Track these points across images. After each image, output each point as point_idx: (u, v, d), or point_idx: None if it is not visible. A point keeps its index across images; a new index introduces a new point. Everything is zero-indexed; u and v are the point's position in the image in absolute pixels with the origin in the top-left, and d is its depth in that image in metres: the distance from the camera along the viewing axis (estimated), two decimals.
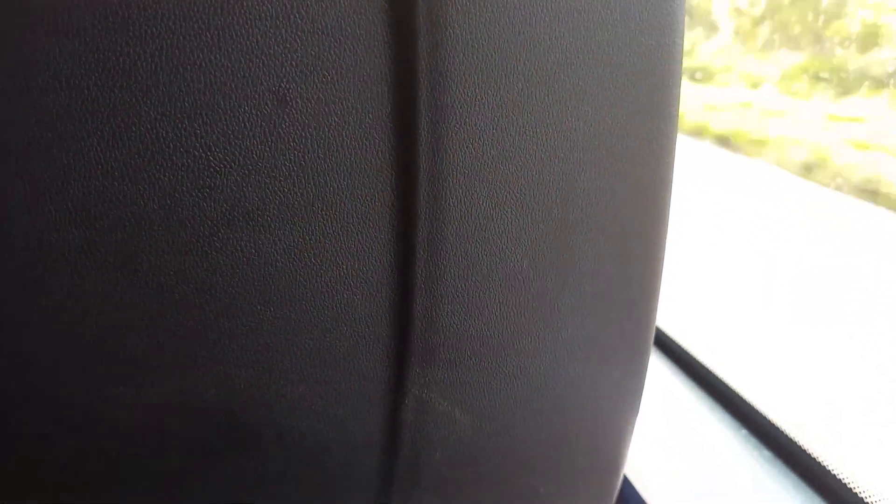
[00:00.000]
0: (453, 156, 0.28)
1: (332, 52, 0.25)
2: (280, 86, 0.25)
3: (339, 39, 0.25)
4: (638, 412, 0.41)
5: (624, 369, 0.38)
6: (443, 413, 0.34)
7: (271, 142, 0.26)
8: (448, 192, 0.29)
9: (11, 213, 0.25)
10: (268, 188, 0.26)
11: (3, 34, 0.23)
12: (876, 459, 0.67)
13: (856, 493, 0.56)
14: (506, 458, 0.38)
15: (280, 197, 0.27)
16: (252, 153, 0.26)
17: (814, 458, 0.59)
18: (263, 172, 0.26)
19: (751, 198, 1.59)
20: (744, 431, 0.64)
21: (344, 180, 0.27)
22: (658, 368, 0.73)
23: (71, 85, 0.23)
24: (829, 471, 0.58)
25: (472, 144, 0.28)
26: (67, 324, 0.27)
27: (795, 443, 0.60)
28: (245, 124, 0.25)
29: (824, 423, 0.74)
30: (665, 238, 0.35)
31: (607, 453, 0.42)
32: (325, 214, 0.28)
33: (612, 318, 0.36)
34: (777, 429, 0.62)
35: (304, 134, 0.26)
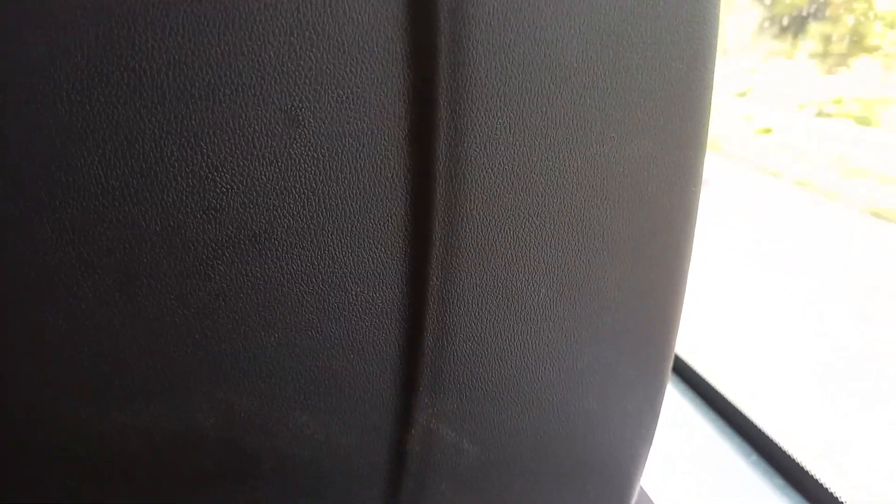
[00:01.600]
0: (471, 181, 0.27)
1: (348, 71, 0.24)
2: (292, 105, 0.24)
3: (356, 57, 0.24)
4: (651, 442, 0.39)
5: (640, 400, 0.37)
6: (450, 443, 0.33)
7: (281, 162, 0.25)
8: (464, 218, 0.27)
9: (6, 232, 0.23)
10: (276, 210, 0.25)
11: (3, 47, 0.21)
12: None
13: None
14: (513, 490, 0.37)
15: (289, 220, 0.25)
16: (261, 174, 0.24)
17: (825, 489, 0.57)
18: (272, 194, 0.25)
19: None
20: (755, 457, 0.63)
21: (356, 204, 0.26)
22: (671, 393, 0.71)
23: (72, 100, 0.22)
24: (839, 500, 0.57)
25: (492, 169, 0.27)
26: (63, 347, 0.26)
27: (808, 472, 0.58)
28: (254, 144, 0.24)
29: None
30: (688, 268, 0.34)
31: (618, 484, 0.40)
32: (335, 238, 0.26)
33: (631, 349, 0.34)
34: (789, 457, 0.60)
35: (315, 155, 0.25)
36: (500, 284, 0.29)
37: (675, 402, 0.70)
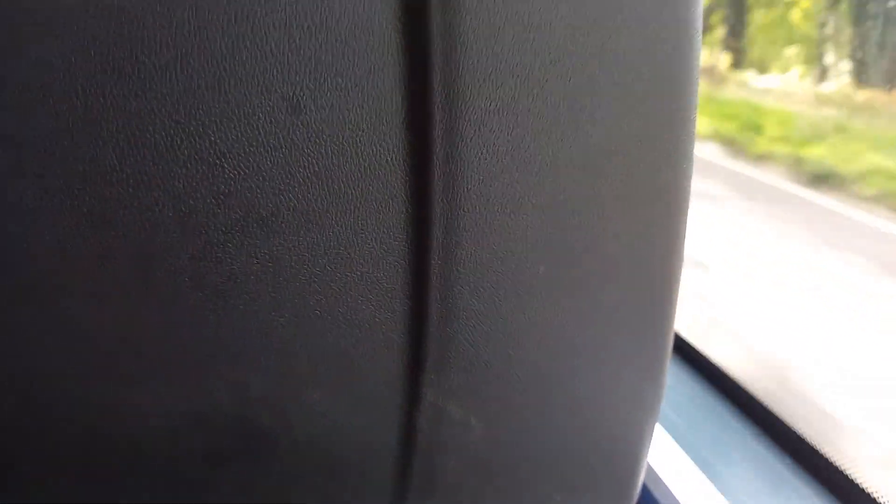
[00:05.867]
0: (468, 162, 0.28)
1: (346, 59, 0.25)
2: (294, 93, 0.25)
3: (353, 47, 0.25)
4: (656, 418, 0.40)
5: (642, 376, 0.38)
6: (458, 420, 0.34)
7: (285, 149, 0.26)
8: (463, 199, 0.28)
9: (28, 220, 0.25)
10: (282, 194, 0.26)
11: (21, 43, 0.23)
12: None
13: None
14: (520, 466, 0.38)
15: (294, 203, 0.27)
16: (266, 160, 0.26)
17: (836, 467, 0.58)
18: (278, 179, 0.26)
19: None
20: (762, 436, 0.63)
21: (358, 186, 0.27)
22: (677, 374, 0.72)
23: (87, 93, 0.24)
24: (847, 476, 0.57)
25: (488, 151, 0.28)
26: (83, 330, 0.27)
27: (817, 450, 0.59)
28: (259, 132, 0.25)
29: None
30: (683, 244, 0.35)
31: (625, 460, 0.41)
32: (339, 220, 0.28)
33: (630, 326, 0.35)
34: (798, 436, 0.61)
35: (317, 141, 0.26)
36: (499, 262, 0.30)
37: (680, 381, 0.71)
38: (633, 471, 0.42)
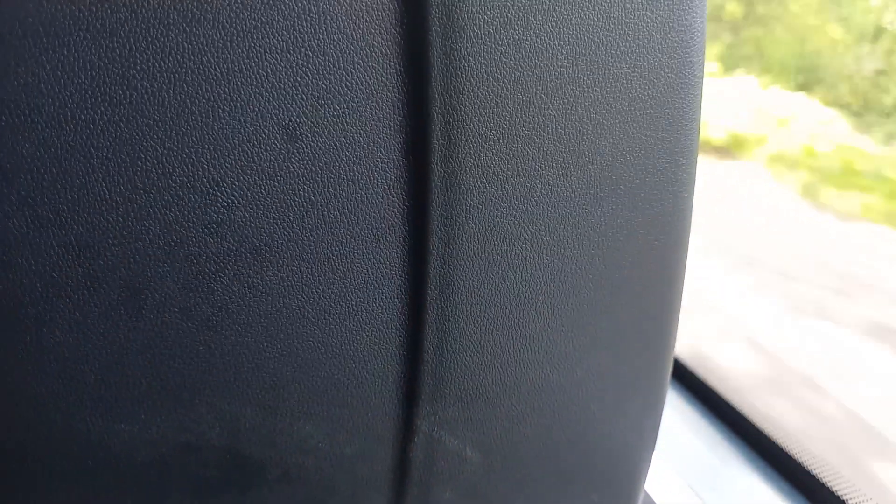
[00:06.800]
0: (466, 192, 0.27)
1: (344, 85, 0.25)
2: (290, 120, 0.25)
3: (351, 73, 0.25)
4: (654, 447, 0.40)
5: (641, 405, 0.37)
6: (453, 451, 0.33)
7: (280, 177, 0.25)
8: (460, 229, 0.28)
9: (14, 249, 0.24)
10: (276, 224, 0.26)
11: (8, 66, 0.22)
12: None
13: None
14: (517, 496, 0.37)
15: (289, 233, 0.26)
16: (261, 189, 0.25)
17: (833, 493, 0.57)
18: (272, 208, 0.25)
19: None
20: (760, 462, 0.63)
21: (354, 216, 0.27)
22: (675, 400, 0.71)
23: (76, 119, 0.23)
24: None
25: (486, 181, 0.27)
26: (69, 360, 0.26)
27: (815, 477, 0.59)
28: (254, 159, 0.25)
29: None
30: (683, 273, 0.34)
31: (623, 490, 0.40)
32: (335, 250, 0.27)
33: (629, 354, 0.35)
34: (795, 461, 0.60)
35: (314, 169, 0.25)
36: (497, 293, 0.30)
37: (679, 408, 0.70)
38: (631, 499, 0.41)
